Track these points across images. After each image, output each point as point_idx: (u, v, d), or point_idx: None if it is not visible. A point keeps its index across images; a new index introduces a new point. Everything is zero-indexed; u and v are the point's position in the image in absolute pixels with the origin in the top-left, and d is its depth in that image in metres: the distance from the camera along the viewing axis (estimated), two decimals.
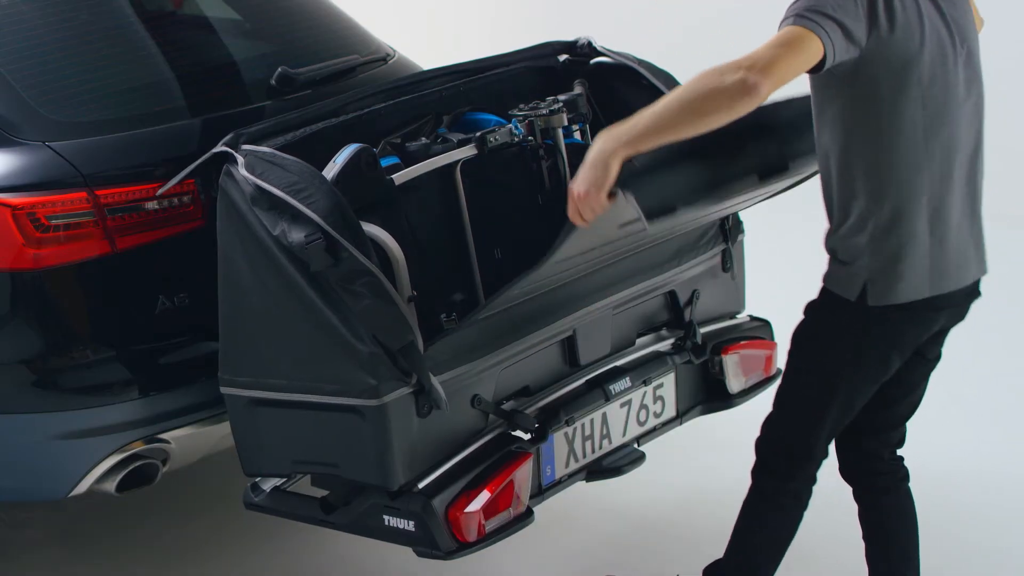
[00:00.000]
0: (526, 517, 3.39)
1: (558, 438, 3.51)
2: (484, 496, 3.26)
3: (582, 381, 3.65)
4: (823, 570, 4.06)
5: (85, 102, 3.68)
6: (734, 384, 3.98)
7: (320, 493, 3.43)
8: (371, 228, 3.31)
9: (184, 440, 3.60)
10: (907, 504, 3.53)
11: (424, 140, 3.66)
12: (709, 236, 3.94)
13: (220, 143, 3.37)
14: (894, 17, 2.95)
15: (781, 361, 4.11)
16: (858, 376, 3.20)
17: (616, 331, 3.73)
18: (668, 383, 3.82)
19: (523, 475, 3.36)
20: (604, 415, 3.63)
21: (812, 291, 3.21)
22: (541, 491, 3.49)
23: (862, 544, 3.57)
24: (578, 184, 2.87)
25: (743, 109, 2.80)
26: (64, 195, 3.44)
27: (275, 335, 3.26)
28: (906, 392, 3.39)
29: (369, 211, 3.36)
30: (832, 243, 3.14)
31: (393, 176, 3.52)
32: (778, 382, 3.37)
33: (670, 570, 3.96)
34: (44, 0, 3.87)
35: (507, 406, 3.48)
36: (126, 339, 3.54)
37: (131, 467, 3.55)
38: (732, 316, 4.15)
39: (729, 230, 4.01)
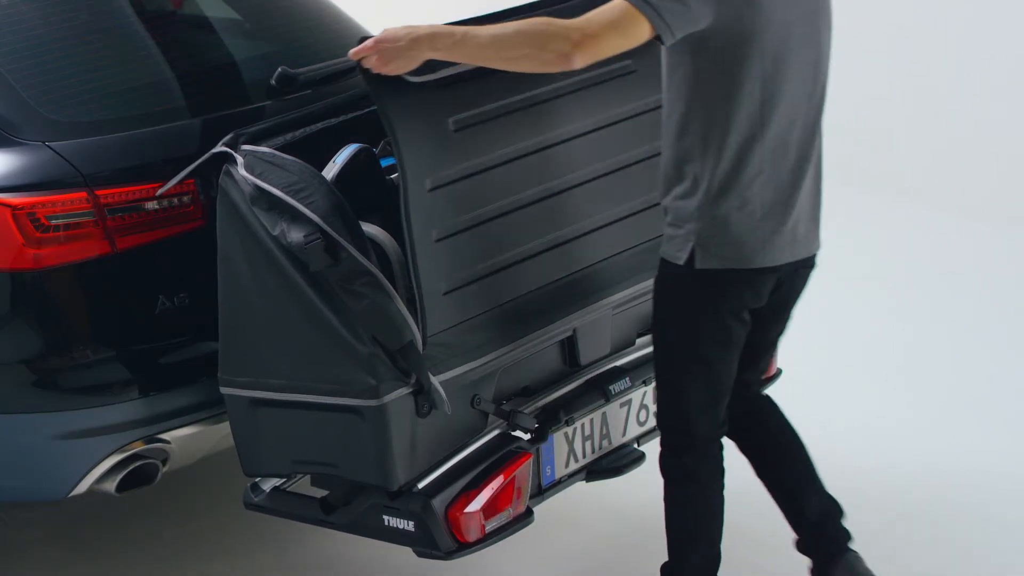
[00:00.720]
0: (526, 517, 3.40)
1: (558, 438, 3.51)
2: (484, 496, 3.26)
3: (582, 381, 3.65)
4: None
5: (85, 102, 3.68)
6: None
7: (320, 493, 3.43)
8: (371, 228, 3.31)
9: (184, 440, 3.59)
10: (786, 429, 3.64)
11: None
12: None
13: (220, 143, 3.37)
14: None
15: (781, 361, 4.13)
16: (703, 343, 3.26)
17: (616, 331, 3.73)
18: None
19: (523, 475, 3.36)
20: (604, 415, 3.63)
21: (811, 291, 3.21)
22: (541, 491, 3.49)
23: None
24: (388, 34, 2.99)
25: (552, 71, 2.97)
26: (64, 195, 3.44)
27: (275, 335, 3.26)
28: (754, 359, 3.49)
29: (369, 211, 3.36)
30: (665, 204, 3.22)
31: (393, 176, 3.52)
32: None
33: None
34: (44, 0, 3.87)
35: (507, 406, 3.48)
36: (126, 339, 3.54)
37: (131, 467, 3.55)
38: None
39: None
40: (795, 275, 3.33)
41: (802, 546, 3.65)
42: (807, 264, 3.34)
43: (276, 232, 3.18)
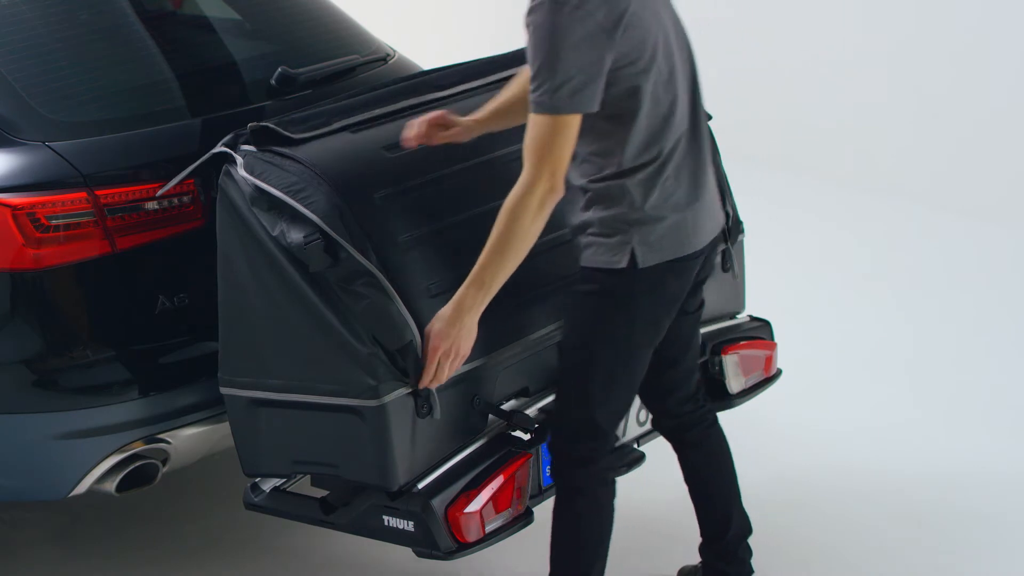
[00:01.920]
0: (526, 517, 3.40)
1: None
2: (484, 496, 3.26)
3: None
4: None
5: (85, 102, 3.68)
6: (734, 384, 3.98)
7: (320, 493, 3.43)
8: None
9: (184, 440, 3.59)
10: (719, 451, 3.66)
11: None
12: None
13: (219, 143, 3.37)
14: (630, 29, 3.04)
15: (781, 361, 4.13)
16: (635, 344, 3.27)
17: None
18: None
19: (523, 475, 3.36)
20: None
21: (812, 291, 3.23)
22: (541, 491, 3.49)
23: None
24: (436, 343, 3.15)
25: (551, 209, 3.07)
26: (64, 195, 3.44)
27: (274, 335, 3.26)
28: (683, 348, 3.50)
29: None
30: (586, 218, 3.21)
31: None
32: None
33: (670, 570, 3.97)
34: (44, 0, 3.87)
35: (507, 406, 3.48)
36: (126, 339, 3.54)
37: (131, 467, 3.55)
38: (732, 316, 4.14)
39: (729, 230, 4.01)
40: (712, 253, 3.39)
41: (706, 555, 3.71)
42: (718, 239, 3.40)
43: (276, 232, 3.19)
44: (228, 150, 3.33)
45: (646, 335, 3.29)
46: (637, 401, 3.71)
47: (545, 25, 2.97)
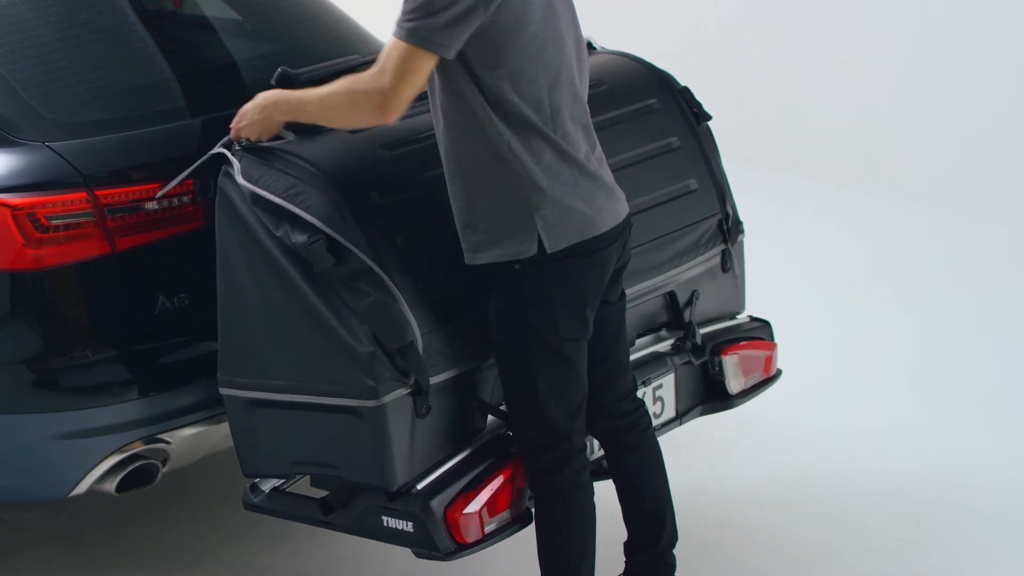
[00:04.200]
0: (525, 518, 3.39)
1: None
2: (483, 497, 3.26)
3: None
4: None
5: (85, 102, 3.68)
6: (734, 385, 3.98)
7: (319, 494, 3.43)
8: None
9: (184, 440, 3.59)
10: (654, 456, 3.57)
11: None
12: (708, 236, 3.94)
13: (217, 145, 3.37)
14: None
15: (782, 361, 4.13)
16: (565, 338, 3.21)
17: None
18: (668, 384, 3.82)
19: (521, 476, 3.36)
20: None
21: (812, 291, 3.23)
22: None
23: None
24: (245, 107, 3.35)
25: (375, 124, 3.17)
26: (64, 195, 3.44)
27: (273, 336, 3.26)
28: (613, 340, 3.44)
29: None
30: (473, 217, 3.18)
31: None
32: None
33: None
34: (44, 0, 3.87)
35: (505, 407, 3.48)
36: (126, 339, 3.54)
37: (131, 467, 3.55)
38: (732, 317, 4.14)
39: (729, 230, 4.01)
40: (624, 237, 3.33)
41: (636, 560, 3.62)
42: (627, 225, 3.35)
43: (280, 233, 3.19)
44: (225, 152, 3.33)
45: (573, 328, 3.22)
46: None
47: None
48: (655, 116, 3.89)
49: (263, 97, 3.32)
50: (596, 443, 3.61)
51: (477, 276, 3.25)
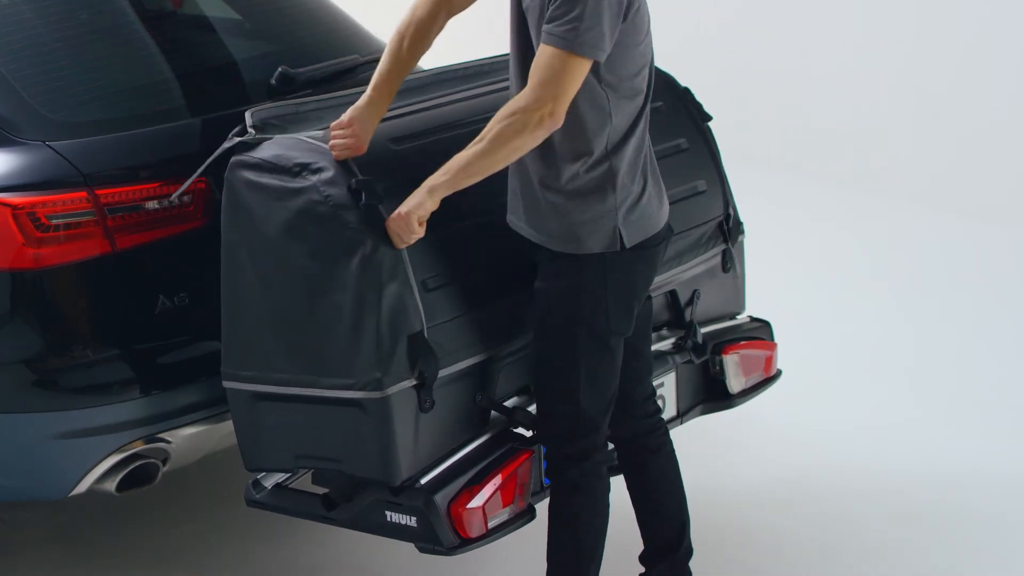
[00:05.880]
0: (528, 513, 3.40)
1: None
2: (486, 492, 3.26)
3: None
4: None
5: (85, 102, 3.68)
6: (734, 384, 3.98)
7: (322, 490, 3.42)
8: None
9: (184, 440, 3.59)
10: (672, 461, 3.60)
11: None
12: (709, 236, 3.94)
13: (231, 135, 3.37)
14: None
15: (782, 361, 4.13)
16: (613, 330, 3.26)
17: None
18: (668, 383, 3.82)
19: (525, 472, 3.36)
20: None
21: (812, 291, 3.24)
22: (543, 488, 3.48)
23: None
24: (401, 208, 3.15)
25: (544, 136, 3.10)
26: (64, 195, 3.44)
27: (278, 328, 3.26)
28: (643, 338, 3.49)
29: None
30: (556, 200, 3.21)
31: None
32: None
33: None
34: (44, 0, 3.87)
35: (510, 403, 3.48)
36: (126, 339, 3.54)
37: (131, 467, 3.55)
38: (732, 316, 4.14)
39: (729, 231, 4.01)
40: (668, 237, 3.39)
41: (655, 569, 3.64)
42: (671, 227, 3.42)
43: (314, 194, 3.19)
44: (244, 138, 3.33)
45: (620, 321, 3.28)
46: None
47: None
48: (663, 117, 3.90)
49: (412, 204, 3.15)
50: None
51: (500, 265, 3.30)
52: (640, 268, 3.29)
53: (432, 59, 4.44)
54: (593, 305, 3.24)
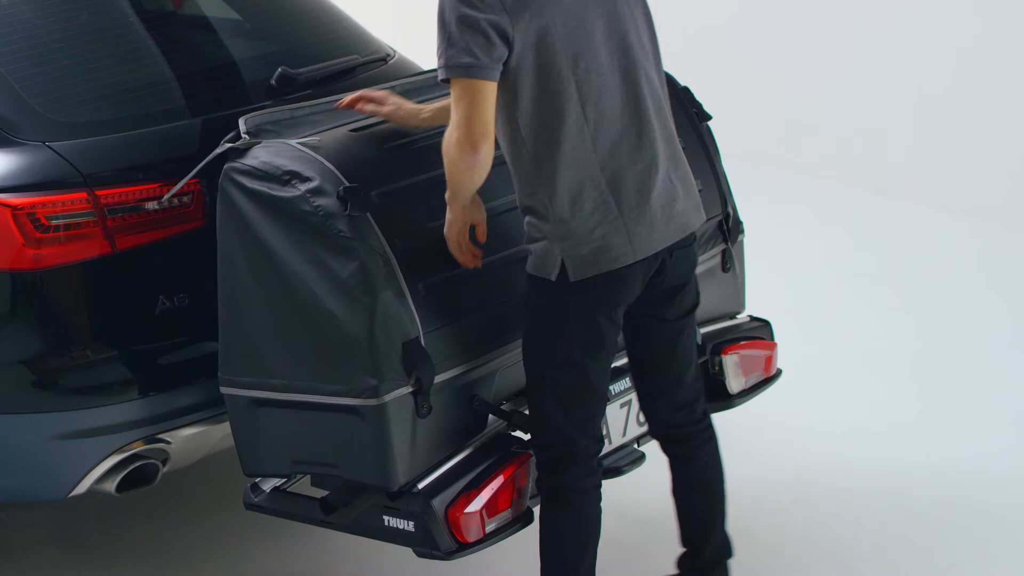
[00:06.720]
0: (525, 518, 3.40)
1: None
2: (484, 496, 3.26)
3: None
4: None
5: (85, 102, 3.68)
6: (734, 384, 3.98)
7: (320, 494, 3.42)
8: None
9: (184, 440, 3.59)
10: (705, 474, 3.59)
11: None
12: (708, 236, 3.94)
13: (223, 141, 3.37)
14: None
15: (781, 361, 4.13)
16: (576, 349, 3.23)
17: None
18: None
19: (522, 476, 3.36)
20: (604, 416, 3.62)
21: (812, 291, 3.24)
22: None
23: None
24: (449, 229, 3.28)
25: (482, 171, 3.13)
26: (64, 195, 3.44)
27: (275, 335, 3.26)
28: (666, 357, 3.44)
29: None
30: (526, 226, 3.24)
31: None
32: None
33: (670, 570, 3.96)
34: (44, 0, 3.87)
35: (506, 406, 3.48)
36: (126, 339, 3.54)
37: (131, 467, 3.55)
38: (732, 316, 4.14)
39: (729, 230, 4.01)
40: (672, 260, 3.32)
41: (682, 568, 3.66)
42: (683, 245, 3.34)
43: (305, 207, 3.19)
44: (235, 144, 3.33)
45: (585, 342, 3.24)
46: (636, 402, 3.71)
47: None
48: None
49: (446, 225, 3.28)
50: (611, 437, 3.62)
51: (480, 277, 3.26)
52: (606, 291, 3.23)
53: (429, 59, 4.44)
54: (553, 328, 3.24)
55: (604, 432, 3.47)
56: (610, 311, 3.24)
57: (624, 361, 3.71)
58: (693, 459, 3.57)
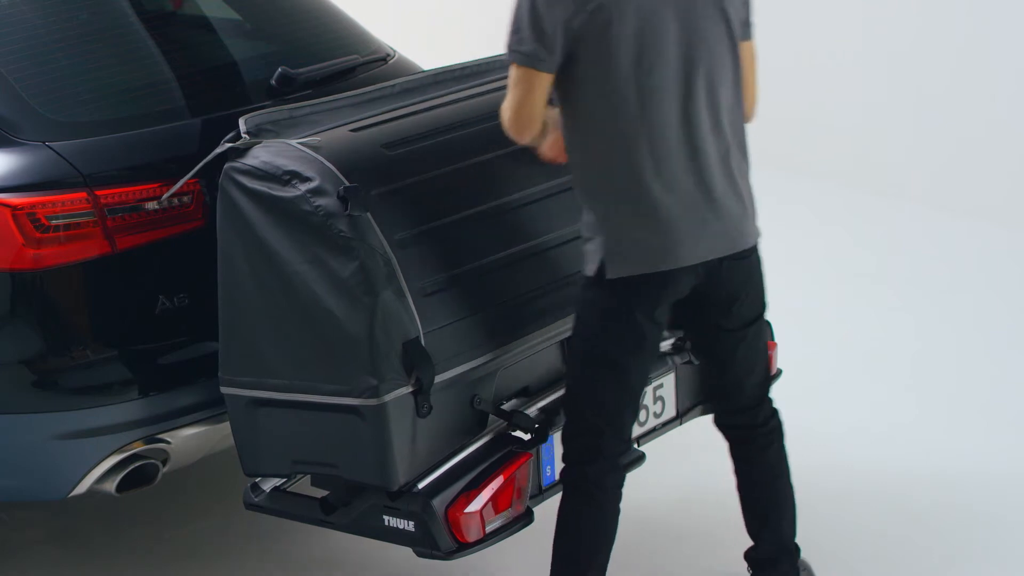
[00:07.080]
0: (526, 517, 3.40)
1: (558, 439, 3.51)
2: (484, 496, 3.26)
3: None
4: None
5: (85, 102, 3.68)
6: None
7: (320, 493, 3.42)
8: None
9: (184, 440, 3.59)
10: (765, 475, 3.64)
11: None
12: None
13: (223, 141, 3.37)
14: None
15: (781, 361, 4.13)
16: (615, 346, 3.26)
17: None
18: (668, 383, 3.81)
19: (523, 475, 3.36)
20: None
21: (812, 291, 3.24)
22: (541, 491, 3.49)
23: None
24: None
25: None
26: (64, 195, 3.44)
27: (275, 335, 3.26)
28: (726, 363, 3.48)
29: None
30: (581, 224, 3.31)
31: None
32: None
33: (670, 570, 3.97)
34: (44, 0, 3.87)
35: (507, 406, 3.48)
36: (126, 339, 3.54)
37: (131, 467, 3.55)
38: None
39: None
40: (723, 270, 3.31)
41: (746, 557, 3.72)
42: (738, 258, 3.33)
43: (301, 195, 3.19)
44: (235, 144, 3.32)
45: (625, 340, 3.27)
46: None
47: None
48: None
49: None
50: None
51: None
52: (644, 291, 3.25)
53: (429, 59, 4.45)
54: (594, 323, 3.29)
55: (629, 434, 3.44)
56: (649, 310, 3.26)
57: None
58: (755, 461, 3.63)
